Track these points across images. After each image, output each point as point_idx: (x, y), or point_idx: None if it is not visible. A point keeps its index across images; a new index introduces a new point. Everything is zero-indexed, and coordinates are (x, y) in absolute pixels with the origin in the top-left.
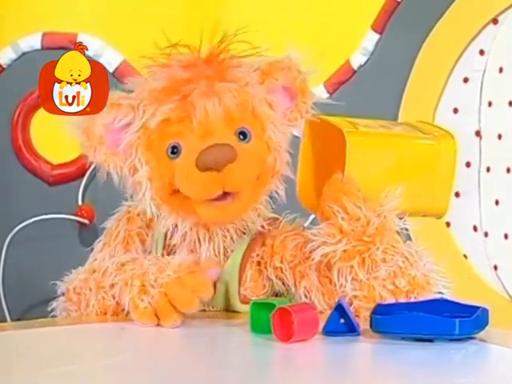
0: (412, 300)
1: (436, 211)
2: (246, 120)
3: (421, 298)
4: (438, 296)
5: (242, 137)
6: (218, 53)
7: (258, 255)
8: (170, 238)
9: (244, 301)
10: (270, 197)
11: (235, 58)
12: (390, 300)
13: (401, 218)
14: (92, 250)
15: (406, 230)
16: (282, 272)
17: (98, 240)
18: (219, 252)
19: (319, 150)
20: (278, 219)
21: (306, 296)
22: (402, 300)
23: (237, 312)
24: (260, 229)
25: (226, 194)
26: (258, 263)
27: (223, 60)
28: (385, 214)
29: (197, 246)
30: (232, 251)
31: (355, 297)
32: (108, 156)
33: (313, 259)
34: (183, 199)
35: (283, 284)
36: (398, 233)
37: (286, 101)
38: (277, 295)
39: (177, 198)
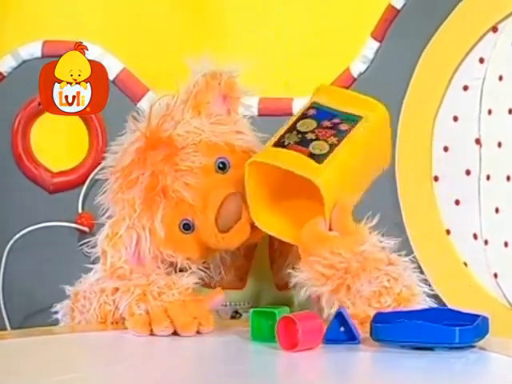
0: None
1: (383, 170)
2: (220, 152)
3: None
4: (423, 305)
5: (221, 166)
6: (158, 131)
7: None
8: None
9: (280, 287)
10: None
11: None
12: None
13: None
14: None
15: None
16: (275, 249)
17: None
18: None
19: (271, 186)
20: None
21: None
22: None
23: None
24: None
25: None
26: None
27: (160, 139)
28: (365, 251)
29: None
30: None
31: None
32: (142, 275)
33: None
34: (207, 248)
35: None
36: (382, 248)
37: (222, 107)
38: None
39: (204, 250)
